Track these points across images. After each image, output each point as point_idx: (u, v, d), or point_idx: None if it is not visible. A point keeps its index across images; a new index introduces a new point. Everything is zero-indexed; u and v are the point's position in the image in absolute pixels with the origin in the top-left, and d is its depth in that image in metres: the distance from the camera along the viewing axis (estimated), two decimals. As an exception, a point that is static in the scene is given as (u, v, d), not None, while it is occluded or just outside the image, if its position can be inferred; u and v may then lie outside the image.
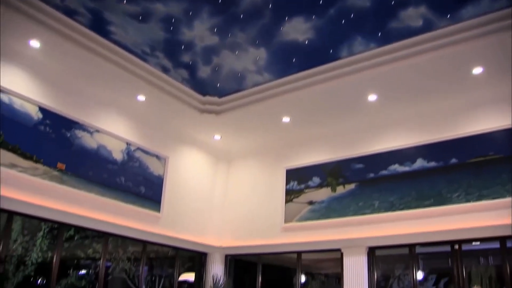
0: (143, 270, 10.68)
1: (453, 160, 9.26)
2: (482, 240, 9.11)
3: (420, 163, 9.63)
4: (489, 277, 13.31)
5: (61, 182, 8.85)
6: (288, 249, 10.80)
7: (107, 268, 11.67)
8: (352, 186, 10.41)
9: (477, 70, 8.49)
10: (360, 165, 10.42)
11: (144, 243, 10.56)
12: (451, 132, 9.40)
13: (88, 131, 9.58)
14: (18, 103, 8.39)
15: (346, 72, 8.99)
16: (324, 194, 10.72)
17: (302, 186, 11.14)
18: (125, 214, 9.91)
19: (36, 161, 8.53)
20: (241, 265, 12.32)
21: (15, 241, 10.60)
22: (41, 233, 11.17)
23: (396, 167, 9.91)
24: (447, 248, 9.30)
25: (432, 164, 9.49)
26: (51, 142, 8.89)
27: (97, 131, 9.74)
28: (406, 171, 9.78)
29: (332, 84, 9.27)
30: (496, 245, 8.83)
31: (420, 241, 9.28)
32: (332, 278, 13.50)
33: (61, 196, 8.78)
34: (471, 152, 9.11)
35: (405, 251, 9.56)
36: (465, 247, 9.23)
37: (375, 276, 9.80)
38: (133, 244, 11.76)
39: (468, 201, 8.88)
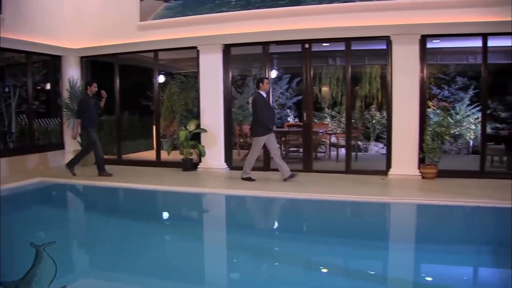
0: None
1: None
2: (330, 40, 9.69)
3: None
4: (336, 78, 14.49)
5: None
6: (145, 47, 10.55)
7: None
8: (209, -18, 10.02)
9: None
10: (218, -40, 9.92)
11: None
12: None
13: None
14: None
15: None
16: (180, -10, 10.24)
17: (159, -18, 10.51)
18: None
19: None
20: (98, 67, 11.97)
21: None
22: None
23: (255, -34, 9.60)
24: (299, 48, 9.71)
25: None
26: None
27: None
28: (264, -30, 9.53)
29: None
30: (343, 47, 9.42)
31: (273, 39, 9.60)
32: (191, 78, 13.80)
33: None
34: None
35: (260, 50, 9.86)
36: (315, 47, 9.76)
37: (230, 74, 10.17)
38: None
39: (321, 2, 9.11)
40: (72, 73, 11.26)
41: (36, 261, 3.85)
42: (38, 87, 12.44)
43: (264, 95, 8.44)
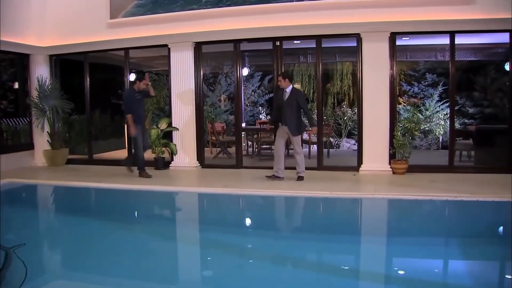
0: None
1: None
2: (300, 38, 9.76)
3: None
4: (308, 75, 14.59)
5: None
6: (115, 46, 10.43)
7: None
8: (178, -21, 9.95)
9: None
10: (189, -43, 9.86)
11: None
12: None
13: None
14: None
15: None
16: (151, -13, 10.14)
17: (128, -21, 10.37)
18: None
19: None
20: (68, 66, 11.76)
21: None
22: None
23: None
24: (270, 45, 9.73)
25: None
26: None
27: None
28: (238, -35, 9.53)
29: None
30: (314, 44, 9.48)
31: (244, 37, 9.58)
32: (162, 76, 13.72)
33: None
34: None
35: (232, 47, 9.86)
36: (286, 45, 9.82)
37: (202, 72, 10.13)
38: None
39: (291, 0, 9.14)
40: (41, 71, 11.03)
41: (5, 264, 3.73)
42: (6, 86, 12.17)
43: (287, 90, 8.13)
